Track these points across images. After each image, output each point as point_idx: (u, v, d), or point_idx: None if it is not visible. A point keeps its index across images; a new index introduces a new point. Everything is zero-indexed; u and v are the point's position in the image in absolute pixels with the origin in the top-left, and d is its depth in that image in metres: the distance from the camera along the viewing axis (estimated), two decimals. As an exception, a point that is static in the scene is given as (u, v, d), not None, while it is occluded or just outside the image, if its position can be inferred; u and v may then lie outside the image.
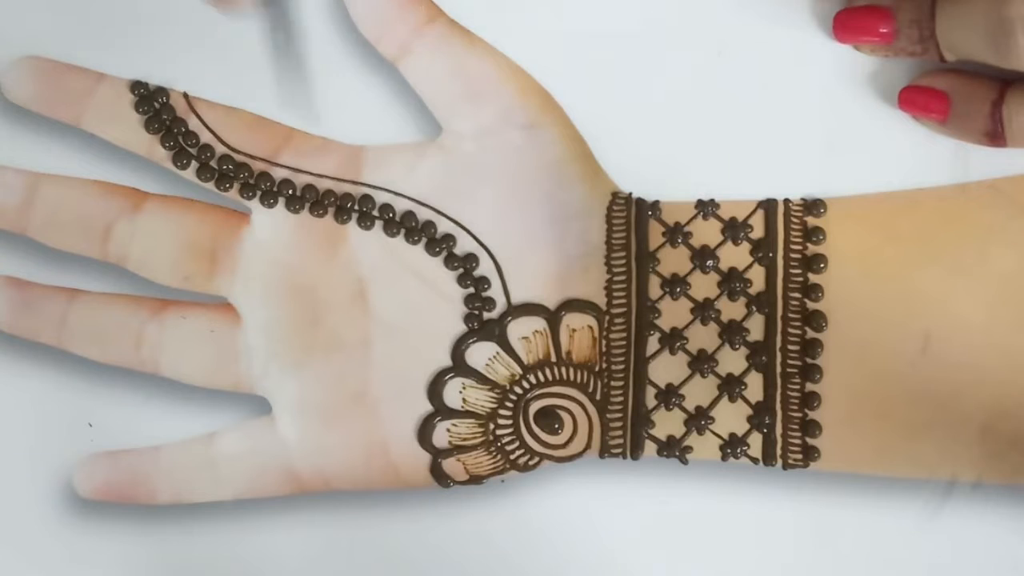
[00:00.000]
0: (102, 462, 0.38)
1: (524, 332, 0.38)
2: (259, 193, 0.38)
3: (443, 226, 0.38)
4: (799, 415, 0.37)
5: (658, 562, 0.38)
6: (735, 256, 0.38)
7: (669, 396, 0.37)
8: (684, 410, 0.37)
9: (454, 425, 0.38)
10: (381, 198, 0.38)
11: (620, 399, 0.37)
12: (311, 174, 0.38)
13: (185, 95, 0.38)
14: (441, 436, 0.38)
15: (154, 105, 0.38)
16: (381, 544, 0.38)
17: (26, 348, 0.38)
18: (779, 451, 0.37)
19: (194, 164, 0.38)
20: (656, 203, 0.38)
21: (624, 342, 0.37)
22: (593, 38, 0.38)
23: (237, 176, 0.38)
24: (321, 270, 0.38)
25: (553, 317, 0.37)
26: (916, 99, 0.36)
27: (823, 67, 0.37)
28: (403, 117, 0.38)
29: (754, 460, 0.37)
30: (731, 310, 0.37)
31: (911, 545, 0.37)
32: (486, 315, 0.38)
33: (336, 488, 0.38)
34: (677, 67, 0.38)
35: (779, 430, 0.37)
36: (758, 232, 0.37)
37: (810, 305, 0.37)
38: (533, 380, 0.38)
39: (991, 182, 0.37)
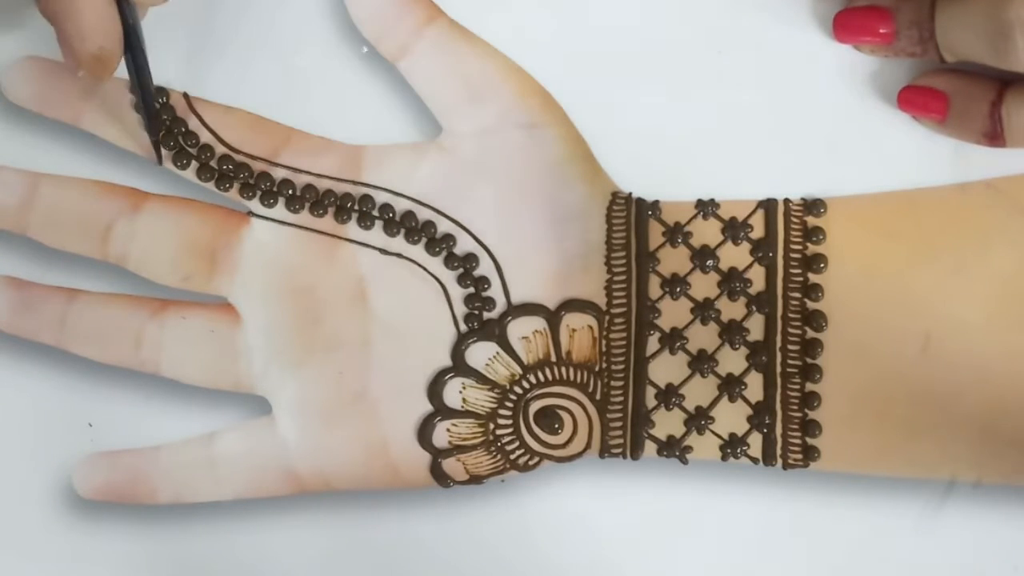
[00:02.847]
0: (102, 462, 0.38)
1: (524, 332, 0.38)
2: (259, 193, 0.38)
3: (443, 226, 0.38)
4: (799, 415, 0.37)
5: (658, 562, 0.38)
6: (735, 256, 0.37)
7: (669, 396, 0.37)
8: (684, 410, 0.37)
9: (454, 425, 0.38)
10: (381, 198, 0.38)
11: (620, 399, 0.37)
12: (311, 174, 0.38)
13: (185, 95, 0.38)
14: (441, 436, 0.38)
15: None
16: (381, 544, 0.38)
17: (26, 348, 0.38)
18: (779, 451, 0.37)
19: (194, 164, 0.38)
20: (656, 203, 0.38)
21: (624, 342, 0.37)
22: (593, 38, 0.38)
23: (237, 176, 0.38)
24: (321, 270, 0.38)
25: (553, 317, 0.37)
26: (916, 99, 0.37)
27: (823, 67, 0.37)
28: (403, 117, 0.38)
29: (754, 460, 0.37)
30: (731, 310, 0.37)
31: (911, 545, 0.37)
32: (486, 315, 0.38)
33: (336, 488, 0.38)
34: (677, 67, 0.38)
35: (779, 430, 0.37)
36: (758, 232, 0.37)
37: (810, 305, 0.37)
38: (533, 380, 0.38)
39: (991, 182, 0.37)
